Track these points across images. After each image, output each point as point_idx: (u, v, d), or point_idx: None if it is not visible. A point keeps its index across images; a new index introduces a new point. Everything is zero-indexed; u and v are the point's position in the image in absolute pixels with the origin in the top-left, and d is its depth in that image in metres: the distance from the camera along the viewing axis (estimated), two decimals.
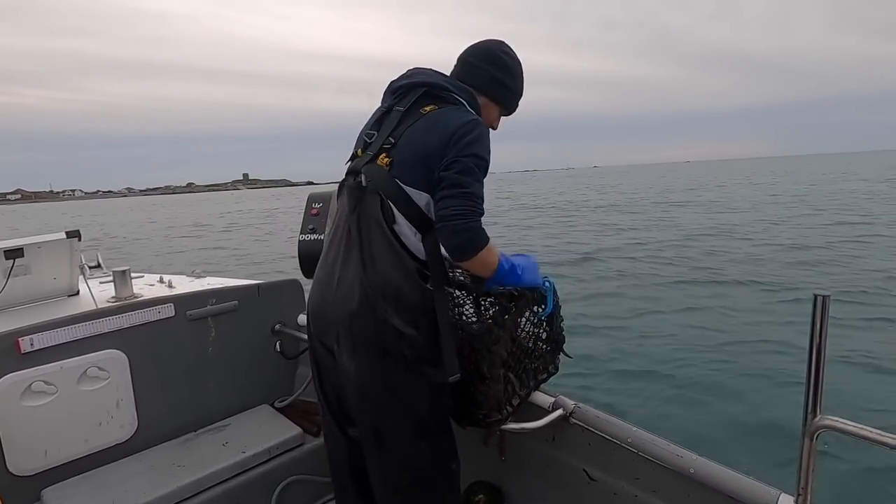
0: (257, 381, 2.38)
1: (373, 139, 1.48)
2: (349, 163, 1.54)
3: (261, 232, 23.55)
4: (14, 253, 2.07)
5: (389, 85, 1.54)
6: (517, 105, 1.65)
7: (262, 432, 2.11)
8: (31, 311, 2.14)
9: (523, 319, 1.55)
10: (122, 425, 1.99)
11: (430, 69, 1.53)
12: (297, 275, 2.26)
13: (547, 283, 1.56)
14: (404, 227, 1.37)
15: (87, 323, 1.90)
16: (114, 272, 2.26)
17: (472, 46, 1.59)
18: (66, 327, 1.85)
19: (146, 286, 2.48)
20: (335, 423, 1.55)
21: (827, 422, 0.99)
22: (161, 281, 2.59)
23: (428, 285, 1.37)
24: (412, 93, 1.48)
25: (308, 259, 2.07)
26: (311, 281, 2.16)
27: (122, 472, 1.91)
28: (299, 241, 2.08)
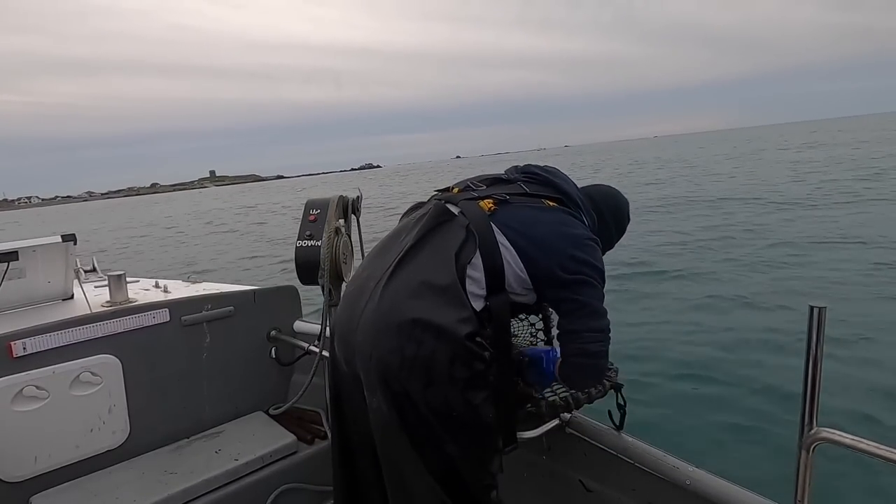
0: (252, 387, 2.36)
1: (479, 188, 1.38)
2: (438, 192, 1.42)
3: None
4: (8, 256, 2.06)
5: (525, 164, 1.50)
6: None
7: (255, 440, 2.09)
8: (25, 314, 2.12)
9: None
10: (114, 431, 1.96)
11: (571, 180, 1.48)
12: (294, 281, 2.25)
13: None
14: (475, 275, 1.22)
15: (81, 327, 1.88)
16: (109, 276, 2.24)
17: (606, 187, 1.60)
18: (59, 331, 1.84)
19: (141, 291, 2.46)
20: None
21: (824, 434, 0.98)
22: (156, 286, 2.57)
23: (485, 341, 1.20)
24: (545, 186, 1.40)
25: (305, 265, 2.05)
26: (307, 287, 2.16)
27: (112, 479, 1.88)
28: (296, 247, 2.07)
